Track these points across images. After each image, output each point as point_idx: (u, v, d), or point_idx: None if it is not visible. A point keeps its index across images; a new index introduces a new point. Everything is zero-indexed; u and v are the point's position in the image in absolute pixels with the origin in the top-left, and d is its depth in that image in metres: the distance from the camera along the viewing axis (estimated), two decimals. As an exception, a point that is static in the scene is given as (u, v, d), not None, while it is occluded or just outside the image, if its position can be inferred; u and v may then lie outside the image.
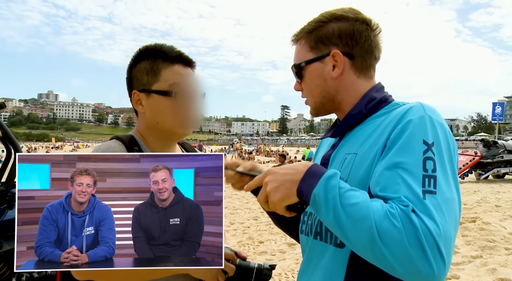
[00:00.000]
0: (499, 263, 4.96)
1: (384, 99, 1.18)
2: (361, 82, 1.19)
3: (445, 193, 0.91)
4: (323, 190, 0.93)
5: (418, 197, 0.89)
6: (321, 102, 1.21)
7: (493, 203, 9.23)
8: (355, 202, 0.90)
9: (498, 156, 15.65)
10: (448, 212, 0.89)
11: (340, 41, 1.15)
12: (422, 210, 0.87)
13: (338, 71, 1.16)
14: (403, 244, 0.84)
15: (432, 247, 0.84)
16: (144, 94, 1.35)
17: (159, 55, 1.36)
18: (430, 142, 0.96)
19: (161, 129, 1.35)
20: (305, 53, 1.20)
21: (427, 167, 0.92)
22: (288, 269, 5.01)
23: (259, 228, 7.40)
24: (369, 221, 0.87)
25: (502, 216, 7.77)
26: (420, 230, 0.84)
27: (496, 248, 5.65)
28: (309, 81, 1.21)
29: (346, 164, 1.11)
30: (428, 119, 0.99)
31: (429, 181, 0.91)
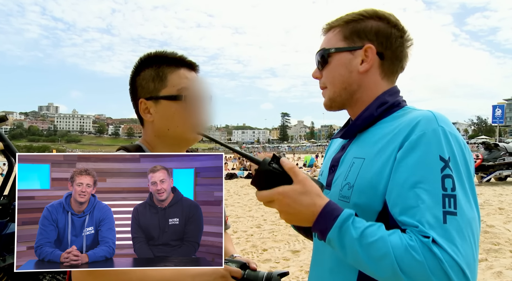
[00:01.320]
0: (505, 266, 4.93)
1: (397, 104, 1.16)
2: (384, 84, 1.18)
3: (465, 213, 0.90)
4: (337, 235, 0.92)
5: (439, 222, 0.88)
6: (339, 94, 1.18)
7: (496, 206, 9.20)
8: (373, 240, 0.89)
9: (499, 159, 15.62)
10: (470, 234, 0.89)
11: (376, 39, 1.14)
12: (443, 236, 0.86)
13: (367, 66, 1.14)
14: (427, 276, 0.84)
15: (458, 274, 0.84)
16: (152, 101, 1.32)
17: (163, 61, 1.34)
18: (447, 157, 0.94)
19: (172, 135, 1.33)
20: (337, 41, 1.18)
21: (446, 186, 0.91)
22: (292, 277, 4.98)
23: (262, 236, 7.37)
24: (390, 258, 0.87)
25: (505, 219, 7.74)
26: (443, 260, 0.84)
27: (501, 251, 5.62)
28: (333, 69, 1.18)
29: (354, 169, 1.10)
30: (442, 132, 0.97)
31: (449, 201, 0.90)
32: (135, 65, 1.38)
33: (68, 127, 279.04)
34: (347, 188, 1.09)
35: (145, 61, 1.37)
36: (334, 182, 1.17)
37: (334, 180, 1.17)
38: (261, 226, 8.30)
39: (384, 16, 1.16)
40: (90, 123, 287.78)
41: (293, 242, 6.73)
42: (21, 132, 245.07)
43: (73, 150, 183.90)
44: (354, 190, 1.06)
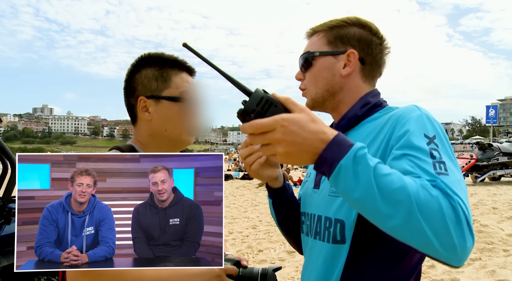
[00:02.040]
0: (498, 265, 4.96)
1: (379, 104, 1.22)
2: (364, 87, 1.23)
3: (455, 174, 0.92)
4: (352, 162, 0.83)
5: (436, 176, 0.87)
6: (322, 95, 1.23)
7: (490, 206, 9.26)
8: (388, 172, 0.83)
9: (493, 159, 15.73)
10: (464, 190, 0.90)
11: (358, 45, 1.21)
12: (445, 187, 0.84)
13: (349, 70, 1.20)
14: (443, 216, 0.80)
15: (464, 220, 0.81)
16: (153, 100, 1.33)
17: (166, 62, 1.37)
18: (431, 135, 0.99)
19: (169, 136, 1.35)
20: (320, 45, 1.23)
21: (434, 155, 0.94)
22: (288, 277, 4.99)
23: (258, 237, 7.37)
24: (406, 191, 0.81)
25: (499, 218, 7.79)
26: (455, 201, 0.82)
27: (495, 250, 5.66)
28: (317, 71, 1.23)
29: None
30: (426, 116, 1.03)
31: (440, 165, 0.92)
32: (134, 63, 1.39)
33: (63, 129, 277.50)
34: None
35: (146, 60, 1.38)
36: (323, 181, 1.20)
37: (323, 180, 1.20)
38: (257, 227, 8.31)
39: (366, 24, 1.23)
40: (85, 125, 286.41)
41: (288, 243, 6.73)
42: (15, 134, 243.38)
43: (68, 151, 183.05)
44: None
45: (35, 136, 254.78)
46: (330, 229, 1.13)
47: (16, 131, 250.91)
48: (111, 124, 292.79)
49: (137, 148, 1.36)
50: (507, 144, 16.67)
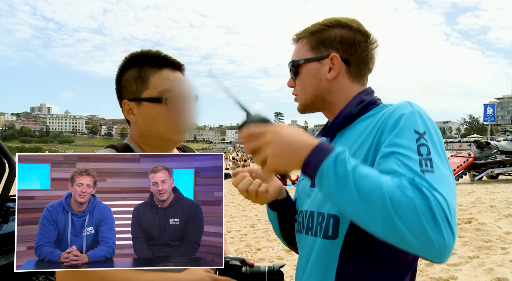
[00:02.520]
0: (496, 263, 4.98)
1: (373, 102, 1.23)
2: (354, 87, 1.24)
3: (442, 171, 0.93)
4: (333, 164, 0.90)
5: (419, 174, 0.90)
6: (311, 100, 1.26)
7: (488, 204, 9.28)
8: (367, 174, 0.89)
9: (491, 157, 15.77)
10: (449, 186, 0.91)
11: (340, 47, 1.21)
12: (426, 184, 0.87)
13: (334, 74, 1.21)
14: (416, 213, 0.83)
15: (442, 217, 0.84)
16: (135, 103, 1.32)
17: (145, 61, 1.33)
18: (422, 131, 0.99)
19: (155, 136, 1.33)
20: (305, 52, 1.25)
21: (422, 152, 0.95)
22: (286, 275, 5.00)
23: (256, 236, 7.38)
24: (381, 191, 0.86)
25: (497, 216, 7.81)
26: (430, 199, 0.84)
27: (492, 248, 5.68)
28: (304, 78, 1.25)
29: None
30: (417, 113, 1.04)
31: (426, 162, 0.93)
32: (120, 65, 1.38)
33: (61, 128, 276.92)
34: None
35: (129, 61, 1.36)
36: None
37: None
38: (255, 226, 8.31)
39: (346, 24, 1.23)
40: (83, 124, 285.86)
41: (287, 242, 6.74)
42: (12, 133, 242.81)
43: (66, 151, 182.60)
44: None
45: (33, 135, 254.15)
46: (322, 224, 1.13)
47: (13, 130, 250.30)
48: (109, 123, 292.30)
49: (132, 146, 1.35)
50: (504, 143, 16.72)
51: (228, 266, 1.27)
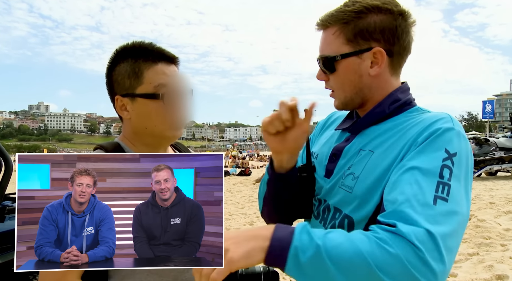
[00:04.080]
0: (496, 260, 4.99)
1: (409, 102, 1.15)
2: (393, 81, 1.15)
3: (456, 204, 0.89)
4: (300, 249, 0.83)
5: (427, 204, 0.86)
6: (351, 98, 1.14)
7: (487, 200, 9.30)
8: (337, 243, 0.82)
9: (490, 154, 15.79)
10: (454, 223, 0.86)
11: (382, 37, 1.08)
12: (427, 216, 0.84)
13: (378, 70, 1.10)
14: (406, 268, 0.79)
15: (432, 250, 0.80)
16: (128, 99, 1.26)
17: (139, 54, 1.25)
18: (453, 152, 0.94)
19: (151, 134, 1.27)
20: (340, 45, 1.10)
21: (444, 174, 0.90)
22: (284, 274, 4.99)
23: (256, 233, 7.38)
24: (361, 257, 0.80)
25: (496, 213, 7.83)
26: (413, 238, 0.80)
27: (492, 244, 5.69)
28: (342, 75, 1.12)
29: (360, 159, 1.08)
30: (457, 132, 0.97)
31: (443, 187, 0.89)
32: (111, 58, 1.30)
33: (59, 126, 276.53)
34: (351, 178, 1.07)
35: (120, 54, 1.28)
36: (336, 171, 1.15)
37: (337, 170, 1.15)
38: (254, 223, 8.32)
39: (385, 7, 1.08)
40: (81, 122, 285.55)
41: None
42: (10, 132, 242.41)
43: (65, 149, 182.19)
44: (358, 181, 1.05)
45: (31, 133, 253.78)
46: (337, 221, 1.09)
47: (12, 128, 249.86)
48: (107, 121, 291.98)
49: (123, 145, 1.30)
50: (503, 139, 16.74)
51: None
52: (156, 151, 1.31)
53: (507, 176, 16.50)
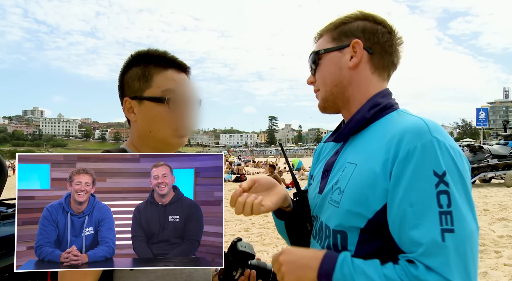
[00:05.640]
0: (490, 267, 5.01)
1: (389, 106, 1.15)
2: (374, 80, 1.17)
3: (463, 228, 0.90)
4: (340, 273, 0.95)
5: (435, 243, 0.89)
6: (331, 92, 1.19)
7: (481, 207, 9.33)
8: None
9: (484, 161, 15.86)
10: (467, 251, 0.89)
11: (363, 35, 1.17)
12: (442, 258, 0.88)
13: (356, 61, 1.15)
14: None
15: None
16: (136, 101, 1.29)
17: (151, 60, 1.31)
18: (441, 172, 0.92)
19: (154, 138, 1.29)
20: (325, 44, 1.21)
21: (442, 203, 0.90)
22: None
23: (251, 240, 7.36)
24: None
25: (490, 220, 7.85)
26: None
27: (486, 251, 5.71)
28: (324, 68, 1.20)
29: (345, 174, 1.09)
30: (436, 143, 0.95)
31: (446, 218, 0.89)
32: (125, 62, 1.35)
33: (54, 131, 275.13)
34: (338, 193, 1.09)
35: (134, 59, 1.33)
36: (326, 187, 1.17)
37: (327, 185, 1.17)
38: (249, 230, 8.29)
39: (369, 16, 1.19)
40: (76, 128, 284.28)
41: (281, 245, 6.74)
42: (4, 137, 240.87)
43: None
44: (344, 195, 1.06)
45: (26, 138, 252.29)
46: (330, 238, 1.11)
47: (5, 133, 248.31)
48: (102, 127, 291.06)
49: (129, 151, 1.31)
50: (497, 147, 16.84)
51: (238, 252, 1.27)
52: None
53: (501, 183, 16.57)
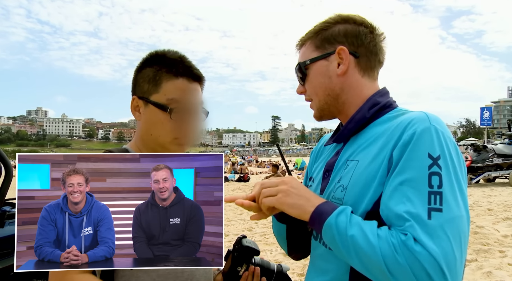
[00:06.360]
0: (494, 266, 4.98)
1: (388, 105, 1.16)
2: (365, 82, 1.18)
3: (452, 210, 0.90)
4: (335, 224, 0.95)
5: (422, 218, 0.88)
6: (325, 101, 1.18)
7: (486, 207, 9.30)
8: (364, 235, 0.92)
9: (488, 160, 15.81)
10: (454, 232, 0.88)
11: (346, 40, 1.15)
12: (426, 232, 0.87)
13: (344, 68, 1.15)
14: (410, 277, 0.86)
15: (437, 272, 0.84)
16: (143, 102, 1.29)
17: (165, 64, 1.28)
18: (436, 155, 0.94)
19: (154, 141, 1.28)
20: (310, 53, 1.20)
21: (433, 183, 0.91)
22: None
23: (254, 239, 7.36)
24: (377, 255, 0.89)
25: (494, 219, 7.82)
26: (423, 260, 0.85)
27: (491, 251, 5.69)
28: (313, 79, 1.19)
29: (347, 171, 1.09)
30: (434, 130, 0.96)
31: (435, 197, 0.90)
32: (143, 59, 1.34)
33: (58, 131, 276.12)
34: (341, 190, 1.08)
35: (149, 59, 1.32)
36: (328, 186, 1.16)
37: (329, 185, 1.16)
38: (253, 229, 8.29)
39: (348, 18, 1.18)
40: (80, 128, 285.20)
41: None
42: (9, 137, 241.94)
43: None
44: (347, 191, 1.06)
45: (30, 138, 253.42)
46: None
47: (10, 133, 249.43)
48: (106, 127, 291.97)
49: (131, 151, 1.30)
50: (501, 146, 16.77)
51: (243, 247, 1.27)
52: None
53: (505, 182, 16.51)
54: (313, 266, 1.21)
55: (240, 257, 1.28)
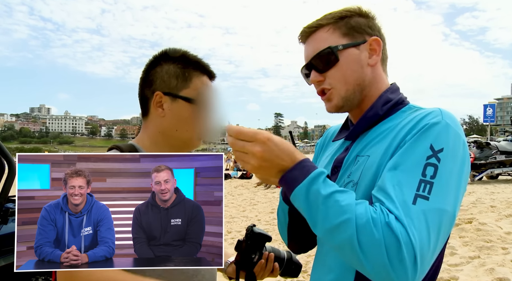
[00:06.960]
0: (497, 263, 4.98)
1: (401, 101, 1.15)
2: (384, 75, 1.18)
3: (438, 202, 0.88)
4: (305, 189, 0.91)
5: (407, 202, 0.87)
6: (353, 91, 1.12)
7: (488, 204, 9.28)
8: (339, 203, 0.88)
9: (491, 157, 15.74)
10: (434, 222, 0.87)
11: (372, 32, 1.14)
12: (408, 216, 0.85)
13: (377, 58, 1.13)
14: (381, 254, 0.83)
15: (410, 255, 0.82)
16: (169, 97, 1.30)
17: (190, 62, 1.34)
18: (438, 148, 0.92)
19: (178, 137, 1.32)
20: (337, 39, 1.12)
21: (427, 173, 0.90)
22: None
23: (256, 236, 7.37)
24: (351, 225, 0.86)
25: (497, 216, 7.80)
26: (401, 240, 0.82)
27: (493, 248, 5.68)
28: (345, 66, 1.11)
29: (358, 166, 1.08)
30: (444, 125, 0.96)
31: (425, 186, 0.89)
32: (157, 55, 1.36)
33: (60, 128, 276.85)
34: (351, 185, 1.07)
35: (167, 55, 1.35)
36: (338, 183, 1.14)
37: (338, 181, 1.15)
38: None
39: (365, 12, 1.17)
40: (83, 125, 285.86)
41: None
42: (12, 134, 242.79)
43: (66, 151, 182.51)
44: (358, 187, 1.05)
45: (33, 136, 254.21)
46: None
47: (13, 131, 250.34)
48: (109, 124, 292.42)
49: (138, 147, 1.32)
50: (504, 143, 16.70)
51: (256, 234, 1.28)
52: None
53: (508, 179, 16.47)
54: (319, 263, 1.21)
55: (253, 244, 1.29)
